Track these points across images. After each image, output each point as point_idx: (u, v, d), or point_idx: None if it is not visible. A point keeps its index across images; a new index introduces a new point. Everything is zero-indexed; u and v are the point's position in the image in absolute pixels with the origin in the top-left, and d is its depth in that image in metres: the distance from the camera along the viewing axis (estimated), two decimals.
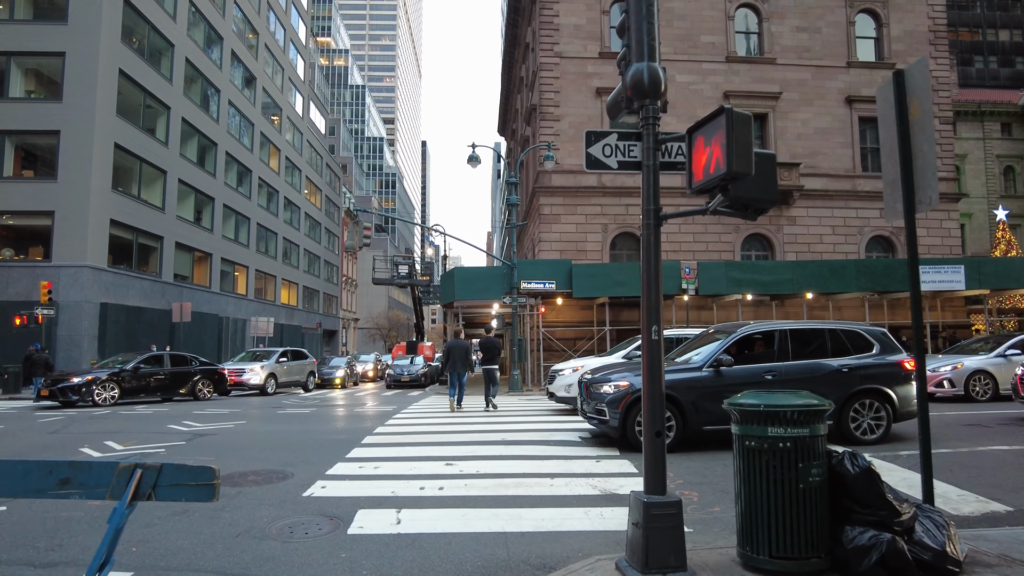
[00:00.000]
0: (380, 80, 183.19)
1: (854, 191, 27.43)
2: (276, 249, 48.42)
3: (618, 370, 9.25)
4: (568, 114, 26.47)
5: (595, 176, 26.32)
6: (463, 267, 22.74)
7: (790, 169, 26.46)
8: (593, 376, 9.14)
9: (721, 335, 9.39)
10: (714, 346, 8.89)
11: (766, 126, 27.49)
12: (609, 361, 12.09)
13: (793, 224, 27.14)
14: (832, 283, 23.28)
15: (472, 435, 9.79)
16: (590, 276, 22.29)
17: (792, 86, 27.52)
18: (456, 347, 14.19)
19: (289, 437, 9.95)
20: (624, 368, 9.52)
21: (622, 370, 9.19)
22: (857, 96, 27.65)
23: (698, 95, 27.07)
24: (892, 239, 27.54)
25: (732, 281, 22.85)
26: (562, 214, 26.10)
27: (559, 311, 25.10)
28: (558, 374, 12.36)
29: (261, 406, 16.31)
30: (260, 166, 45.09)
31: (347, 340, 69.94)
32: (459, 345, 14.22)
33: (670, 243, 26.17)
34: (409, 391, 24.46)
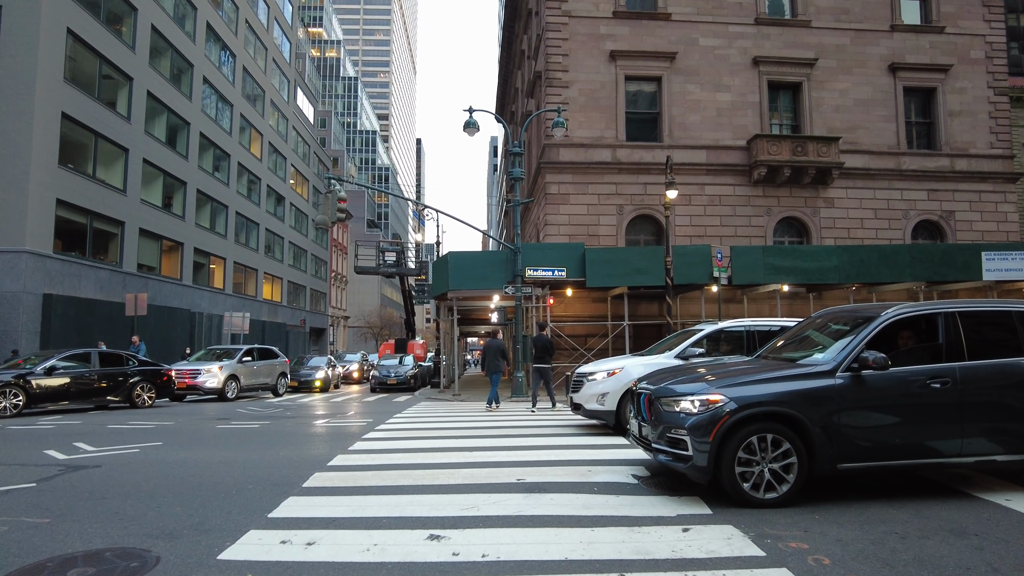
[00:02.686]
0: (374, 75, 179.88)
1: (899, 170, 24.35)
2: (258, 241, 45.13)
3: (689, 376, 6.09)
4: (578, 80, 23.30)
5: (609, 150, 23.18)
6: (459, 252, 19.57)
7: (828, 144, 23.37)
8: (658, 385, 5.98)
9: (844, 323, 6.28)
10: (848, 340, 5.74)
11: (800, 97, 24.38)
12: (658, 362, 8.95)
13: (831, 207, 24.04)
14: (883, 271, 20.19)
15: (473, 471, 6.61)
16: (606, 262, 19.14)
17: (829, 52, 24.43)
18: (489, 347, 14.19)
19: (203, 472, 6.77)
20: (697, 373, 6.35)
21: (697, 376, 6.03)
22: (902, 63, 24.56)
23: (724, 61, 23.96)
24: (942, 224, 24.47)
25: (770, 269, 19.74)
26: (571, 194, 22.93)
27: (568, 304, 21.94)
28: (586, 379, 9.22)
29: (206, 417, 13.10)
30: (240, 151, 41.81)
31: (336, 339, 66.62)
32: (492, 345, 14.17)
33: (694, 227, 23.05)
34: (396, 395, 21.27)
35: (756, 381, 5.59)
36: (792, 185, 23.75)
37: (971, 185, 24.70)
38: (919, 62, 24.67)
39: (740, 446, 5.33)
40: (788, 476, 5.34)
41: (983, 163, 24.87)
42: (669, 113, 23.58)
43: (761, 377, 5.63)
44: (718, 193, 23.56)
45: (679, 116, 23.61)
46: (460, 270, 19.12)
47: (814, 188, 23.93)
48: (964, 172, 24.64)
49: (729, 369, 6.17)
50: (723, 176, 23.61)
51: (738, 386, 5.54)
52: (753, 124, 23.87)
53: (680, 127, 23.55)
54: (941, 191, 24.51)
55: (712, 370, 6.33)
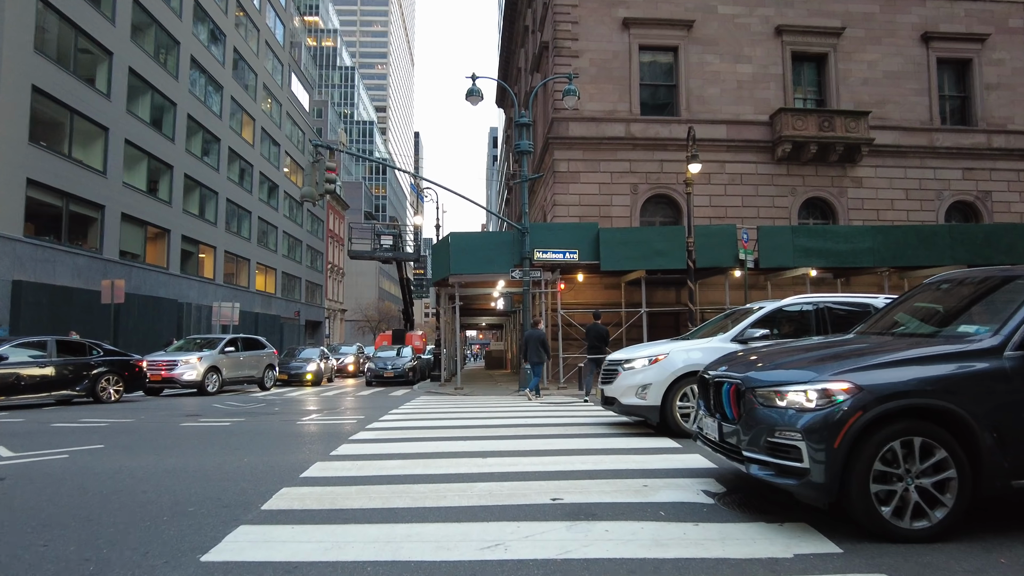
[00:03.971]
0: (371, 67, 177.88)
1: (931, 147, 22.73)
2: (250, 230, 43.46)
3: (789, 358, 4.49)
4: (588, 49, 21.63)
5: (622, 124, 21.52)
6: (461, 232, 17.94)
7: (857, 119, 21.74)
8: (746, 372, 4.37)
9: (991, 286, 4.71)
10: (1016, 307, 4.14)
11: (825, 69, 22.73)
12: (711, 347, 7.35)
13: (859, 186, 22.43)
14: (920, 254, 18.63)
15: (492, 486, 5.01)
16: (623, 243, 17.53)
17: (857, 21, 22.77)
18: (530, 337, 13.79)
19: (136, 486, 5.17)
20: (794, 355, 4.73)
21: (800, 359, 4.43)
22: (935, 33, 22.91)
23: (744, 30, 22.29)
24: (977, 205, 22.88)
25: (800, 251, 18.16)
26: (581, 172, 21.29)
27: (578, 290, 20.34)
28: (621, 368, 7.60)
29: (175, 413, 11.50)
30: (231, 135, 40.10)
31: (332, 332, 64.98)
32: (532, 335, 13.78)
33: (713, 208, 21.43)
34: (393, 389, 19.67)
35: (891, 363, 3.98)
36: (818, 163, 22.12)
37: (1010, 163, 23.10)
38: (954, 31, 23.02)
39: (877, 455, 3.73)
40: (944, 497, 3.75)
41: (1022, 140, 23.25)
42: (686, 85, 21.93)
43: (896, 358, 4.02)
44: (739, 171, 21.94)
45: (697, 89, 21.96)
46: (463, 253, 17.50)
47: (841, 166, 22.31)
48: (1002, 149, 23.03)
49: (836, 350, 4.56)
50: (744, 153, 21.98)
51: (867, 370, 3.94)
52: (776, 98, 22.23)
53: (698, 100, 21.90)
54: (977, 170, 22.90)
55: (810, 351, 4.72)
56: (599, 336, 13.82)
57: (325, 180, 13.90)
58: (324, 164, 13.96)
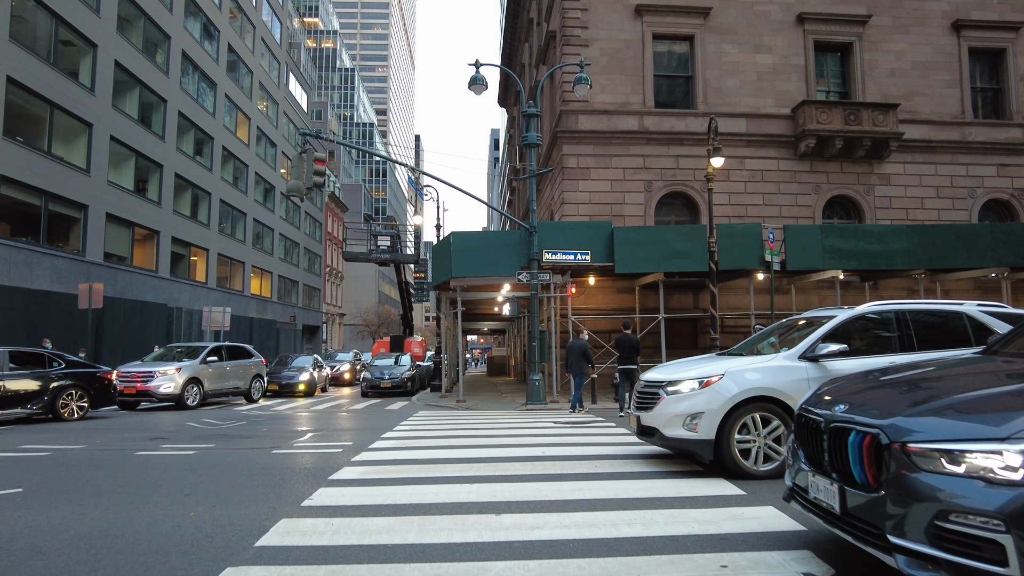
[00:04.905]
0: (372, 69, 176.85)
1: (963, 142, 21.38)
2: (245, 232, 42.12)
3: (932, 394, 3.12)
4: (599, 38, 20.30)
5: (635, 117, 20.18)
6: (464, 232, 16.58)
7: (885, 112, 20.38)
8: (901, 419, 2.98)
9: None
10: None
11: (850, 59, 21.38)
12: (775, 366, 6.00)
13: (887, 184, 21.06)
14: (959, 255, 17.27)
15: (507, 563, 3.64)
16: (639, 244, 16.18)
17: (883, 8, 21.42)
18: (572, 348, 13.50)
19: (20, 568, 3.77)
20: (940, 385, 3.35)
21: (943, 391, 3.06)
22: (967, 20, 21.57)
23: (764, 19, 20.96)
24: (1013, 203, 21.51)
25: (830, 252, 16.79)
26: (592, 168, 19.93)
27: (589, 295, 18.98)
28: (663, 392, 6.19)
29: (141, 435, 10.12)
30: (225, 134, 38.79)
31: (329, 337, 63.59)
32: (575, 345, 13.45)
33: (733, 206, 20.06)
34: (390, 401, 18.28)
35: None
36: (843, 159, 20.77)
37: None
38: (986, 19, 21.68)
39: None
40: None
41: None
42: (703, 76, 20.58)
43: None
44: (760, 168, 20.58)
45: (714, 80, 20.61)
46: (465, 254, 16.13)
47: (868, 163, 20.95)
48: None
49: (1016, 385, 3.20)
50: (765, 148, 20.63)
51: None
52: (798, 90, 20.88)
53: (716, 93, 20.55)
54: (1012, 166, 21.54)
55: (967, 379, 3.35)
56: (632, 347, 13.29)
57: (314, 173, 12.53)
58: (312, 155, 12.60)
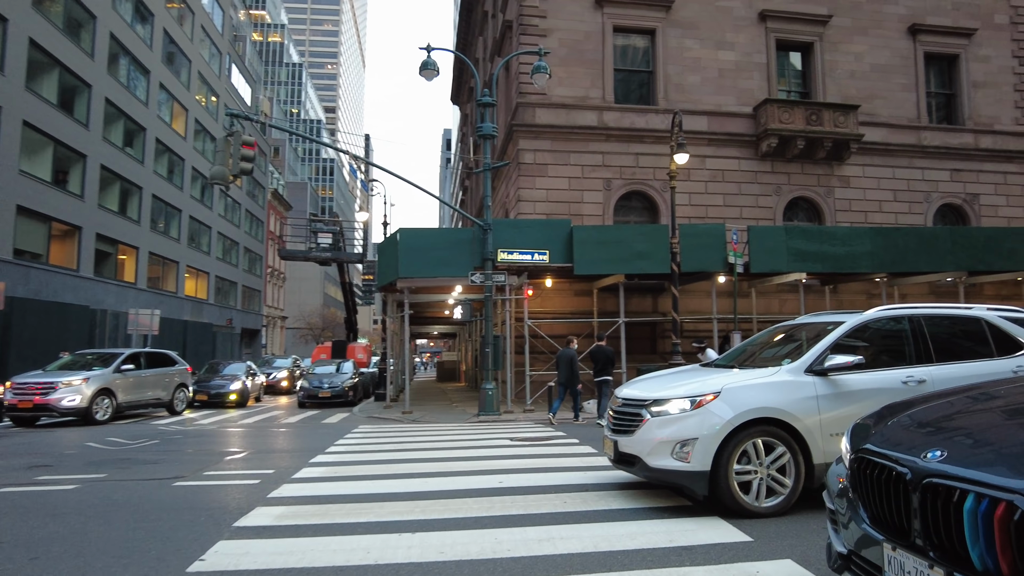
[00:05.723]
0: (321, 66, 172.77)
1: (920, 146, 21.26)
2: (180, 230, 39.63)
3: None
4: (558, 29, 19.35)
5: (594, 112, 19.29)
6: (412, 229, 15.31)
7: (846, 113, 20.06)
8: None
9: None
10: None
11: (811, 60, 21.03)
12: (776, 381, 5.04)
13: (847, 186, 20.76)
14: (921, 258, 16.94)
15: None
16: (599, 244, 15.23)
17: (844, 9, 21.15)
18: (562, 357, 13.17)
19: None
20: None
21: None
22: (923, 25, 21.51)
23: (726, 14, 20.39)
24: (965, 208, 21.51)
25: (794, 254, 16.20)
26: (549, 164, 18.93)
27: (546, 297, 17.97)
28: (647, 412, 5.13)
29: (13, 463, 8.52)
30: (159, 126, 36.34)
31: (270, 341, 60.94)
32: (565, 355, 13.12)
33: (693, 206, 19.37)
34: (329, 413, 16.82)
35: None
36: (804, 160, 20.36)
37: (996, 165, 21.84)
38: (941, 24, 21.67)
39: None
40: None
41: (1009, 141, 22.05)
42: (664, 72, 19.87)
43: None
44: (721, 167, 19.97)
45: (676, 76, 19.92)
46: (413, 252, 14.86)
47: (828, 164, 20.60)
48: (989, 151, 21.75)
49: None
50: (726, 148, 20.04)
51: None
52: (760, 88, 20.38)
53: (677, 89, 19.86)
54: (965, 171, 21.55)
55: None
56: (607, 358, 13.08)
57: (242, 158, 11.10)
58: (240, 139, 11.16)
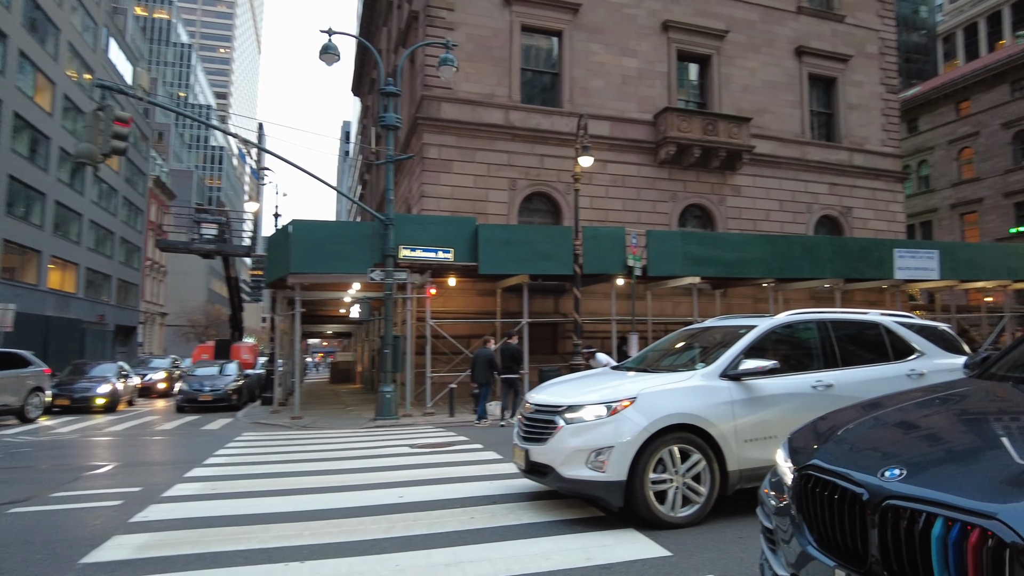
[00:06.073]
0: (213, 49, 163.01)
1: (803, 160, 22.64)
2: (43, 216, 35.78)
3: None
4: (465, 23, 18.96)
5: (501, 111, 19.07)
6: (306, 220, 14.37)
7: (740, 125, 21.00)
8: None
9: None
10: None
11: (708, 71, 21.86)
12: (693, 386, 4.89)
13: (738, 195, 21.73)
14: (804, 265, 17.92)
15: None
16: (505, 244, 14.97)
17: (739, 26, 22.16)
18: (478, 356, 13.15)
19: None
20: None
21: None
22: (807, 48, 22.93)
23: (631, 22, 20.80)
24: (840, 220, 23.11)
25: (690, 259, 16.66)
26: (455, 160, 18.50)
27: (448, 296, 17.52)
28: (561, 418, 4.84)
29: None
30: (17, 98, 32.59)
31: (148, 339, 56.51)
32: (482, 354, 13.12)
33: (595, 210, 19.56)
34: (210, 419, 15.53)
35: None
36: (700, 168, 21.10)
37: (867, 182, 23.64)
38: (822, 49, 23.19)
39: None
40: None
41: (877, 160, 23.93)
42: (570, 75, 19.97)
43: None
44: (622, 172, 20.32)
45: (581, 79, 20.07)
46: (307, 246, 13.95)
47: (721, 173, 21.48)
48: (861, 168, 23.51)
49: None
50: (628, 153, 20.42)
51: None
52: (660, 97, 20.94)
53: (582, 92, 20.01)
54: (841, 186, 23.17)
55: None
56: (512, 356, 13.30)
57: (113, 135, 9.89)
58: (112, 114, 9.94)
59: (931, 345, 5.80)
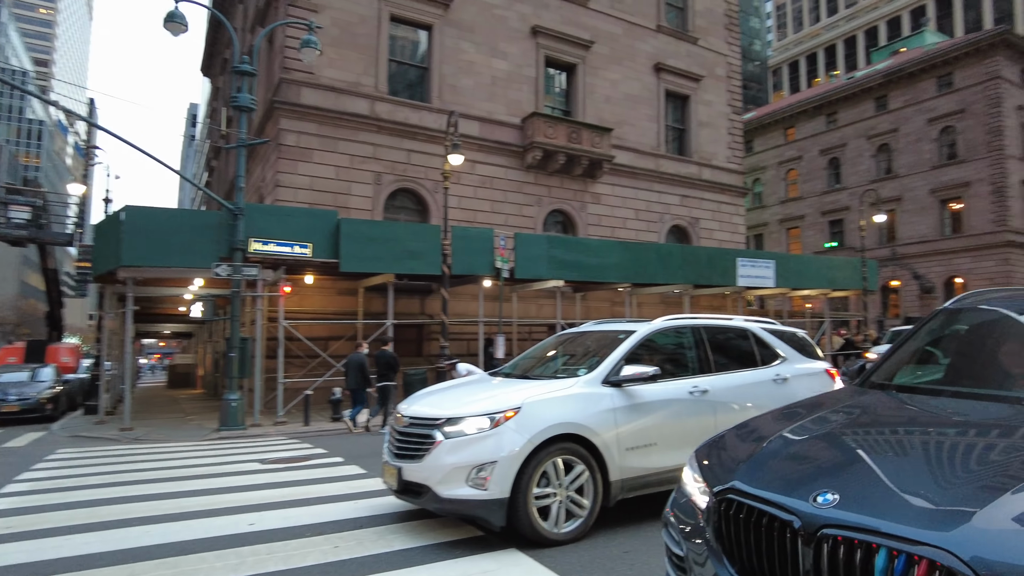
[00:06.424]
0: (32, 8, 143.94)
1: (658, 172, 23.86)
2: None
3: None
4: (331, 6, 17.91)
5: (367, 101, 18.24)
6: (141, 207, 12.69)
7: (602, 135, 21.69)
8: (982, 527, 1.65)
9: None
10: None
11: (574, 80, 22.39)
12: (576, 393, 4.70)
13: (598, 202, 22.43)
14: (658, 271, 18.82)
15: None
16: (369, 240, 14.23)
17: (604, 38, 22.91)
18: (351, 361, 12.67)
19: None
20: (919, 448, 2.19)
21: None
22: (665, 65, 24.21)
23: (502, 24, 20.78)
24: (689, 230, 24.63)
25: (555, 262, 16.88)
26: (315, 149, 17.38)
27: (304, 294, 16.45)
28: (439, 431, 4.43)
29: None
30: None
31: None
32: (354, 359, 12.65)
33: (463, 210, 19.28)
34: (17, 432, 13.27)
35: None
36: (564, 175, 21.55)
37: (713, 195, 25.40)
38: (677, 67, 24.59)
39: None
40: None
41: (722, 175, 25.79)
42: (440, 71, 19.55)
43: None
44: (490, 174, 20.24)
45: (451, 77, 19.73)
46: (142, 236, 12.35)
47: (584, 181, 22.08)
48: (708, 182, 25.21)
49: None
50: (496, 155, 20.37)
51: None
52: (528, 101, 21.12)
53: (451, 90, 19.67)
54: (691, 198, 24.70)
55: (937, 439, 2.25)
56: (387, 363, 12.74)
57: None
58: None
59: (792, 350, 6.07)
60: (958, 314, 3.52)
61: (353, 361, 12.63)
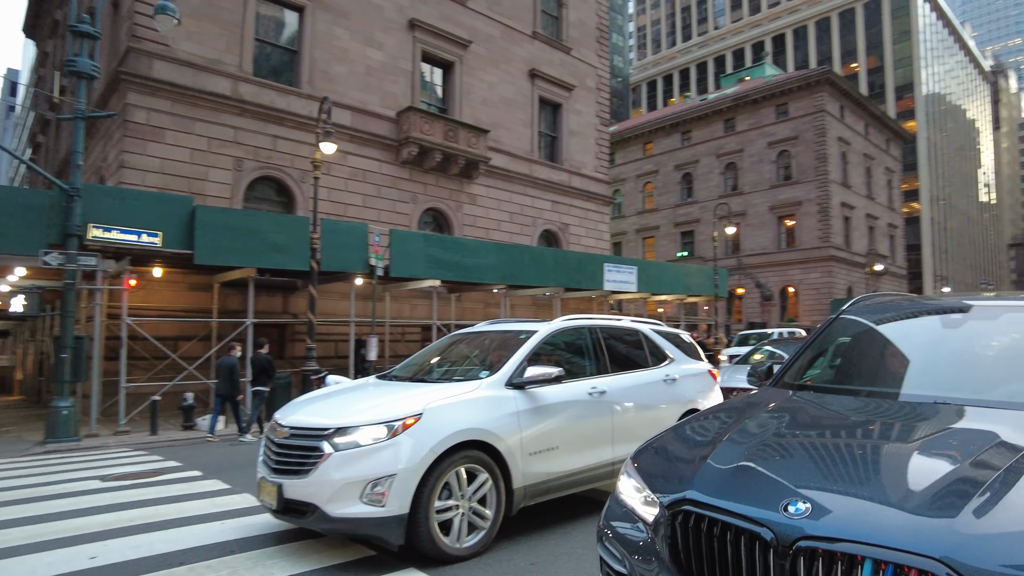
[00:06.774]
0: None
1: (531, 177, 24.21)
2: None
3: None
4: None
5: (229, 81, 16.82)
6: None
7: (479, 136, 21.62)
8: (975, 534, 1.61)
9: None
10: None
11: (451, 78, 22.14)
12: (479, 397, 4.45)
13: (473, 203, 22.35)
14: (532, 274, 19.07)
15: None
16: (229, 230, 13.05)
17: (482, 40, 22.87)
18: (221, 366, 11.63)
19: None
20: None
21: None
22: (540, 72, 24.64)
23: (378, 12, 20.08)
24: (559, 235, 25.24)
25: (432, 261, 16.53)
26: (168, 128, 15.71)
27: (152, 288, 14.83)
28: (329, 443, 3.97)
29: None
30: None
31: None
32: (225, 363, 11.58)
33: (333, 203, 18.38)
34: None
35: None
36: (440, 173, 21.24)
37: (582, 202, 26.21)
38: (552, 75, 25.13)
39: None
40: None
41: (590, 184, 26.70)
42: (311, 55, 18.51)
43: None
44: (362, 167, 19.47)
45: (323, 62, 18.74)
46: None
47: (460, 181, 21.90)
48: (578, 189, 25.98)
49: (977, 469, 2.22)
50: (369, 148, 19.64)
51: None
52: (404, 95, 20.58)
53: (323, 76, 18.69)
54: (561, 204, 25.32)
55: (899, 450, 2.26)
56: (261, 367, 12.12)
57: None
58: None
59: (678, 351, 6.23)
60: (852, 319, 3.69)
61: (224, 365, 11.58)
